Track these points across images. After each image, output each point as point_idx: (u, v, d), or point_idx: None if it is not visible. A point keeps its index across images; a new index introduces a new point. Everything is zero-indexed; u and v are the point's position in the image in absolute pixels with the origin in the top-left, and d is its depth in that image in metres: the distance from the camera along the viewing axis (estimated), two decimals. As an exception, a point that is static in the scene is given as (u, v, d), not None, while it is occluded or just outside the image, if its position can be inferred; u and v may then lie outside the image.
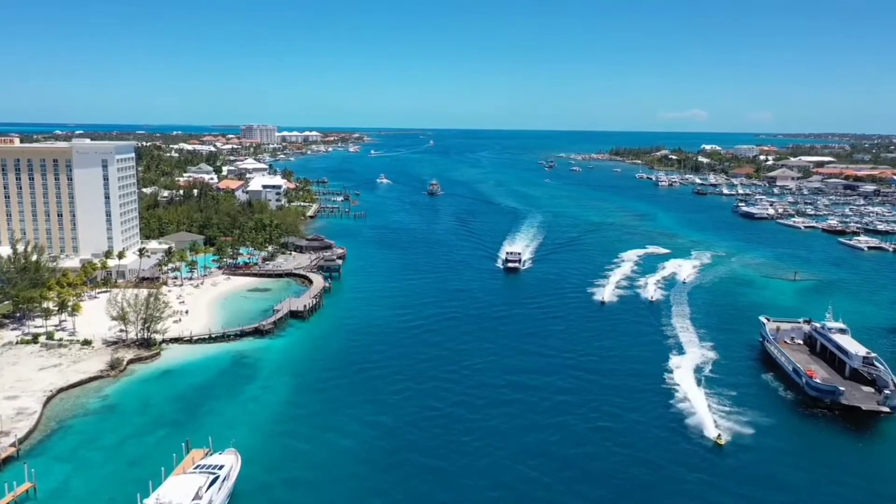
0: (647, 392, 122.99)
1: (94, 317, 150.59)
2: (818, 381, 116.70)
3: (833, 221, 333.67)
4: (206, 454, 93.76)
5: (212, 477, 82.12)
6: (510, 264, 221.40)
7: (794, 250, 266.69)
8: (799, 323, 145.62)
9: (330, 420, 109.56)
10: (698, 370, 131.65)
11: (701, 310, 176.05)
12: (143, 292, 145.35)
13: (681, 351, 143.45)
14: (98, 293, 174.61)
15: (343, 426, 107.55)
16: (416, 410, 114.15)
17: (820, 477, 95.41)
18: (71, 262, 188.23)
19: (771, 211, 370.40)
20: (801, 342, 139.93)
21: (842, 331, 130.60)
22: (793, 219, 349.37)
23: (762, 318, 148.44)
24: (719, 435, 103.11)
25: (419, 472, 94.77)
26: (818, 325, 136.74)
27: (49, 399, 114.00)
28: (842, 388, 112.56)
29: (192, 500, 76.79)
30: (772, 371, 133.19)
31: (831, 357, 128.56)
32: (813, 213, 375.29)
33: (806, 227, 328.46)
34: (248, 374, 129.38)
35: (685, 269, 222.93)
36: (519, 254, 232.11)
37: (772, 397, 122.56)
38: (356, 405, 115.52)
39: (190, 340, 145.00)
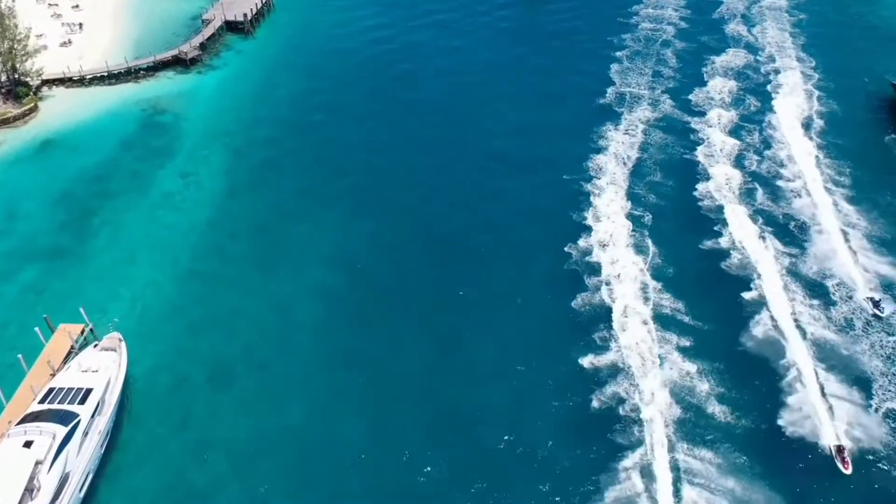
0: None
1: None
2: None
3: None
4: (80, 333, 60.56)
5: (63, 432, 47.47)
6: None
7: None
8: None
9: (282, 250, 73.07)
10: (805, 127, 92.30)
11: (799, 27, 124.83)
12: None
13: (776, 89, 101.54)
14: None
15: (303, 261, 71.86)
16: (417, 231, 76.69)
17: None
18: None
19: None
20: None
21: None
22: None
23: None
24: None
25: (415, 370, 62.90)
26: None
27: None
28: None
29: None
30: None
31: None
32: None
33: None
34: (163, 146, 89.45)
35: None
36: None
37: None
38: (323, 212, 78.34)
39: (81, 81, 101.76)
